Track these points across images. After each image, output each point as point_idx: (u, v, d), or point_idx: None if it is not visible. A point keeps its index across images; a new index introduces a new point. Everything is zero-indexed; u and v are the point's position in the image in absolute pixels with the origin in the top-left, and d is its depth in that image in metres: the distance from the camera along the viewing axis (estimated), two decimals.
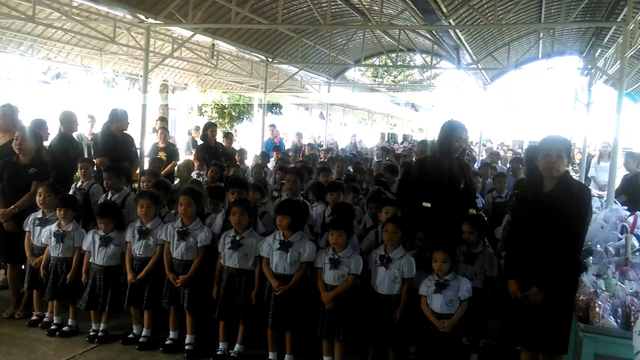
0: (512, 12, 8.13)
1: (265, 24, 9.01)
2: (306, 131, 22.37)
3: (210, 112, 21.50)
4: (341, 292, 4.34)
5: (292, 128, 22.68)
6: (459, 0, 6.88)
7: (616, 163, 6.32)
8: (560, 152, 3.64)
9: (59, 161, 7.09)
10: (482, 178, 8.46)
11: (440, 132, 4.92)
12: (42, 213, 5.30)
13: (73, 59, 12.04)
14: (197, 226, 4.90)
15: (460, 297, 4.16)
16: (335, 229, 4.42)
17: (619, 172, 7.88)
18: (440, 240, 4.41)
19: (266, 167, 8.98)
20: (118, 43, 9.52)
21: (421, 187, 4.89)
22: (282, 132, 18.53)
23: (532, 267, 3.67)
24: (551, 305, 3.57)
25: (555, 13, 9.24)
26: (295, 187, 5.95)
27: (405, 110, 25.71)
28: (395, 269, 4.36)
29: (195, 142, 13.34)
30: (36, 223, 5.26)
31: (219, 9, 8.45)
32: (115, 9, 7.30)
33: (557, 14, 9.08)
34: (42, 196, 5.24)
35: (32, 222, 5.28)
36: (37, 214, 5.32)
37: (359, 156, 12.05)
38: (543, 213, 3.65)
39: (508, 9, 8.14)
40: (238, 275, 4.64)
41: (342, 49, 12.77)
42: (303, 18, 10.28)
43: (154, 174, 6.75)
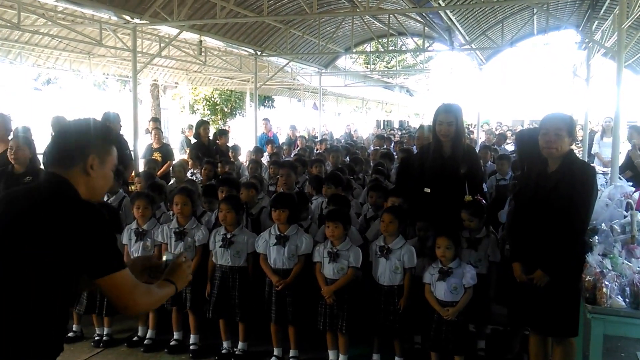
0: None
1: (251, 16, 8.89)
2: (300, 123, 22.26)
3: (202, 109, 21.37)
4: (341, 286, 4.28)
5: (286, 121, 22.59)
6: None
7: (619, 139, 6.21)
8: (558, 131, 3.50)
9: None
10: (482, 161, 8.39)
11: None
12: None
13: (62, 63, 11.93)
14: (194, 225, 4.88)
15: (464, 284, 4.09)
16: (331, 221, 4.35)
17: (623, 148, 7.77)
18: (442, 226, 4.33)
19: (261, 162, 8.89)
20: (105, 46, 9.41)
21: (421, 172, 4.85)
22: (276, 125, 18.42)
23: (536, 249, 3.59)
24: (557, 287, 3.49)
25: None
26: (290, 180, 5.90)
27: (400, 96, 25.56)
28: (395, 259, 4.29)
29: (189, 141, 13.27)
30: None
31: (204, 4, 8.33)
32: (100, 12, 7.20)
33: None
34: None
35: None
36: None
37: (355, 146, 11.97)
38: (547, 194, 3.55)
39: None
40: (231, 272, 4.60)
41: (332, 38, 12.64)
42: (289, 8, 10.15)
43: (149, 176, 6.69)
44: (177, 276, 2.29)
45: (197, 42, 10.54)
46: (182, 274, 2.32)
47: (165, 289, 2.22)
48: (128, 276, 2.03)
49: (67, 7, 7.65)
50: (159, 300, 2.23)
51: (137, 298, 2.05)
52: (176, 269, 2.32)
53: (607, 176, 7.74)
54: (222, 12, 7.74)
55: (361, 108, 31.17)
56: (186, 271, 2.34)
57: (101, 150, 2.15)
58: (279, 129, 18.76)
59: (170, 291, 2.24)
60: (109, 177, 2.21)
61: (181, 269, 2.32)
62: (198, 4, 8.08)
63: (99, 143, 2.16)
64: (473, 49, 11.14)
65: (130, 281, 2.03)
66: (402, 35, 13.82)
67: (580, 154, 11.49)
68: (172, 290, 2.25)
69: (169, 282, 2.25)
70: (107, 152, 2.18)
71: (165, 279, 2.27)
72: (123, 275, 2.01)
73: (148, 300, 2.13)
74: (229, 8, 7.99)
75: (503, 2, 8.22)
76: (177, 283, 2.28)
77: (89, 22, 8.62)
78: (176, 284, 2.27)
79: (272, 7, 9.38)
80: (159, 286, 2.22)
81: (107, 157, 2.18)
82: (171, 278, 2.27)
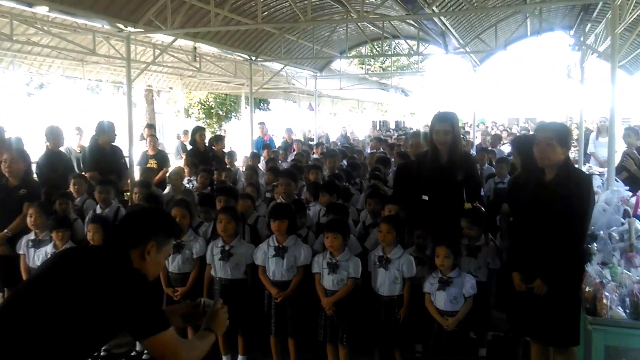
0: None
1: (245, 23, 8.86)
2: (296, 124, 22.23)
3: (197, 113, 21.30)
4: (342, 297, 4.26)
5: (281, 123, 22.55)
6: None
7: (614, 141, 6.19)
8: (549, 140, 3.51)
9: (48, 178, 7.02)
10: (479, 164, 8.37)
11: None
12: (34, 234, 5.20)
13: (55, 70, 11.87)
14: (191, 237, 4.86)
15: (464, 294, 4.08)
16: (331, 232, 4.33)
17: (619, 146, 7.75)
18: (441, 235, 4.33)
19: (257, 168, 8.87)
20: (99, 54, 9.36)
21: (418, 180, 4.85)
22: (272, 128, 18.39)
23: (535, 258, 3.59)
24: (557, 297, 3.50)
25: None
26: (289, 189, 5.86)
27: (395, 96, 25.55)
28: (394, 269, 4.28)
29: (185, 146, 13.23)
30: (30, 245, 5.17)
31: (198, 11, 8.29)
32: (93, 21, 7.16)
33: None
34: (33, 217, 5.15)
35: (26, 244, 5.18)
36: (29, 235, 5.22)
37: (351, 149, 11.93)
38: (544, 203, 3.56)
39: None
40: (231, 285, 4.57)
41: (326, 42, 12.63)
42: (284, 14, 10.13)
43: (146, 185, 6.65)
44: (216, 324, 2.43)
45: (192, 48, 10.52)
46: (221, 321, 2.45)
47: (206, 339, 2.36)
48: (172, 335, 2.18)
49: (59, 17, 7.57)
50: (202, 353, 2.34)
51: (183, 354, 2.20)
52: (214, 316, 2.44)
53: (604, 177, 7.76)
54: (216, 18, 7.70)
55: (357, 108, 31.17)
56: (223, 317, 2.47)
57: (161, 239, 2.34)
58: (275, 132, 18.75)
59: (211, 339, 2.39)
60: (161, 265, 2.41)
61: (219, 316, 2.45)
62: (192, 11, 8.04)
63: (161, 233, 2.36)
64: (467, 52, 11.14)
65: (174, 339, 2.18)
66: (396, 38, 13.80)
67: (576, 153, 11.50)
68: (213, 338, 2.40)
69: (208, 330, 2.39)
70: (166, 242, 2.39)
71: (205, 327, 2.40)
72: (167, 334, 2.15)
73: (193, 354, 2.27)
74: (223, 14, 7.96)
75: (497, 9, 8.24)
76: (217, 330, 2.42)
77: (82, 31, 8.55)
78: (216, 331, 2.41)
79: (266, 13, 9.34)
80: (200, 337, 2.36)
81: (164, 247, 2.38)
82: (210, 326, 2.40)
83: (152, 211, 2.53)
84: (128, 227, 2.39)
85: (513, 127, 22.30)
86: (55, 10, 6.40)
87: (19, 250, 5.22)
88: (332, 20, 11.16)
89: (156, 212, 2.53)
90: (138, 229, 2.34)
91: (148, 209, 2.61)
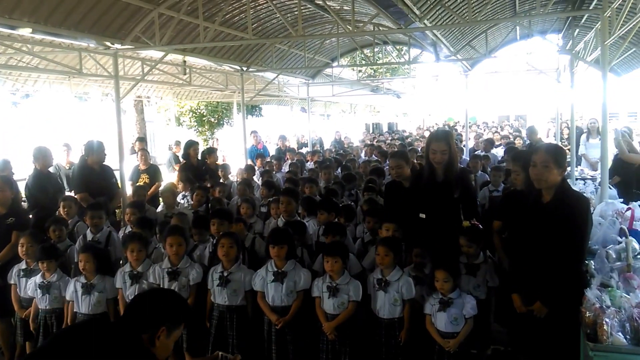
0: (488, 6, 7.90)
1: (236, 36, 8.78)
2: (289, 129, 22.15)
3: (188, 121, 21.16)
4: (343, 321, 4.22)
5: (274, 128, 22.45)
6: (431, 1, 6.71)
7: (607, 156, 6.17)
8: (546, 162, 3.52)
9: (37, 199, 6.93)
10: (473, 170, 8.33)
11: None
12: (25, 263, 5.14)
13: (41, 85, 11.72)
14: (187, 264, 4.79)
15: (465, 314, 4.06)
16: (330, 256, 4.30)
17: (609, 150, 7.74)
18: (439, 256, 4.30)
19: (252, 181, 8.79)
20: (85, 74, 9.23)
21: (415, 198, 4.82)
22: (265, 134, 18.31)
23: (534, 280, 3.60)
24: (557, 319, 3.51)
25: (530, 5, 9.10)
26: (290, 208, 5.82)
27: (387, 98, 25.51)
28: (394, 292, 4.26)
29: (177, 158, 13.14)
30: (21, 275, 5.11)
31: (187, 25, 8.19)
32: (80, 40, 7.05)
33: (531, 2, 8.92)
34: (25, 247, 5.09)
35: (17, 274, 5.13)
36: (20, 265, 5.16)
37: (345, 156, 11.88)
38: (542, 225, 3.56)
39: (483, 4, 7.97)
40: (228, 312, 4.53)
41: (318, 50, 12.58)
42: (275, 25, 10.04)
43: (140, 206, 6.55)
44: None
45: (181, 62, 10.42)
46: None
47: None
48: None
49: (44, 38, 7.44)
50: None
51: None
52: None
53: (596, 182, 7.75)
54: (206, 32, 7.61)
55: (349, 111, 31.17)
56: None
57: (172, 325, 2.37)
58: (268, 138, 18.66)
59: None
60: (169, 348, 2.42)
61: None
62: (181, 26, 7.94)
63: (173, 319, 2.39)
64: (459, 59, 11.14)
65: None
66: (387, 45, 13.76)
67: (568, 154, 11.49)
68: None
69: None
70: (176, 328, 2.42)
71: None
72: None
73: None
74: (213, 28, 7.88)
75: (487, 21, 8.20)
76: None
77: (68, 50, 8.41)
78: None
79: (255, 24, 9.25)
80: None
81: (174, 332, 2.40)
82: None
83: (164, 296, 2.54)
84: (139, 313, 2.40)
85: (505, 127, 22.31)
86: (39, 32, 6.27)
87: (9, 280, 5.15)
88: (323, 35, 11.13)
89: (168, 297, 2.53)
90: (149, 315, 2.36)
91: (160, 293, 2.67)
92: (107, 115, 18.22)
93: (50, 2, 6.11)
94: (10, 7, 5.77)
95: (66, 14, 6.38)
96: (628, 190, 7.29)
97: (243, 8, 8.44)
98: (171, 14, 7.49)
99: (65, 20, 6.48)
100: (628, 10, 5.51)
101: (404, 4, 5.86)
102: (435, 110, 38.58)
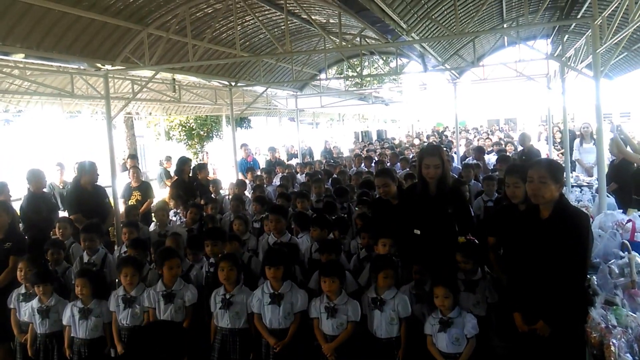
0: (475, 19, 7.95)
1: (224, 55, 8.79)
2: (278, 139, 22.15)
3: (178, 135, 21.13)
4: (342, 342, 4.20)
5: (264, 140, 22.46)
6: (418, 14, 6.79)
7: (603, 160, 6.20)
8: (542, 178, 3.46)
9: (32, 221, 6.97)
10: (466, 179, 8.29)
11: None
12: (24, 288, 5.13)
13: (33, 106, 11.71)
14: (181, 286, 4.76)
15: (466, 334, 4.02)
16: (327, 276, 4.27)
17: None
18: (438, 273, 4.28)
19: (244, 196, 8.79)
20: (76, 96, 9.23)
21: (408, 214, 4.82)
22: (254, 146, 18.32)
23: (535, 298, 3.54)
24: (561, 338, 3.45)
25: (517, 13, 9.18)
26: (280, 226, 5.79)
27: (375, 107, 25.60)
28: (390, 310, 4.24)
29: (168, 173, 13.14)
30: (20, 299, 5.11)
31: (175, 44, 8.21)
32: (71, 63, 7.06)
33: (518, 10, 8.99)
34: (23, 271, 5.10)
35: (17, 299, 5.13)
36: (20, 289, 5.16)
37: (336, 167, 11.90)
38: (541, 242, 3.50)
39: (470, 16, 8.04)
40: (231, 335, 4.49)
41: (305, 63, 12.63)
42: (262, 40, 10.08)
43: (134, 226, 6.54)
44: None
45: (171, 79, 10.44)
46: None
47: None
48: None
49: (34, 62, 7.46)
50: None
51: None
52: None
53: (593, 189, 7.75)
54: (195, 50, 7.63)
55: (338, 119, 31.24)
56: None
57: None
58: (258, 149, 18.67)
59: None
60: None
61: None
62: (169, 45, 7.95)
63: (175, 353, 2.39)
64: (447, 69, 11.20)
65: None
66: (373, 55, 13.85)
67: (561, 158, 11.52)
68: None
69: None
70: None
71: None
72: None
73: None
74: (202, 46, 7.90)
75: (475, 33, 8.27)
76: None
77: (60, 73, 8.42)
78: None
79: (243, 39, 9.28)
80: None
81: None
82: None
83: (165, 330, 2.54)
84: (141, 350, 2.41)
85: (495, 132, 22.40)
86: (31, 57, 6.29)
87: (9, 305, 5.15)
88: (311, 51, 11.17)
89: (169, 331, 2.54)
90: (151, 352, 2.36)
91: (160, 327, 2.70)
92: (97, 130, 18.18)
93: (42, 28, 6.14)
94: (3, 34, 5.81)
95: (57, 38, 6.41)
96: (626, 197, 7.21)
97: (230, 25, 8.46)
98: (160, 33, 7.51)
99: (57, 44, 6.51)
100: (620, 18, 5.46)
101: (391, 19, 5.91)
102: (424, 116, 38.75)
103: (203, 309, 4.81)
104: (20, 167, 8.19)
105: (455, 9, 6.54)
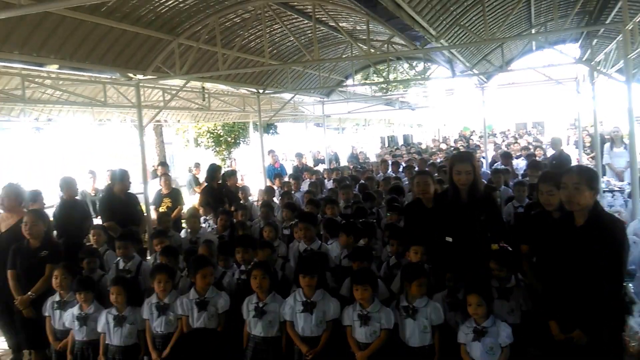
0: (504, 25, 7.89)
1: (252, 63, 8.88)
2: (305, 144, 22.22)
3: (206, 142, 21.40)
4: (375, 350, 4.19)
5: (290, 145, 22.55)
6: (447, 21, 6.76)
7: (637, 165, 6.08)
8: (578, 185, 3.42)
9: (64, 228, 7.10)
10: (496, 185, 8.19)
11: None
12: (59, 295, 5.20)
13: (65, 115, 11.99)
14: (214, 293, 4.79)
15: (500, 343, 3.97)
16: (360, 284, 4.27)
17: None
18: (471, 281, 4.24)
19: (272, 202, 8.85)
20: (110, 105, 9.43)
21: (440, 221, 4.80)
22: (281, 152, 18.42)
23: (571, 306, 3.49)
24: (598, 347, 3.38)
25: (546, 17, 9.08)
26: (309, 233, 5.82)
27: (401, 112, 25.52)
28: (423, 318, 4.20)
29: (197, 179, 13.31)
30: (55, 307, 5.18)
31: (205, 53, 8.34)
32: (103, 73, 7.23)
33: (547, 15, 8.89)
34: (59, 279, 5.16)
35: (51, 306, 5.19)
36: (54, 297, 5.23)
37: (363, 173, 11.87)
38: (576, 250, 3.47)
39: (499, 21, 7.98)
40: (264, 343, 4.50)
41: (332, 69, 12.68)
42: (289, 47, 10.16)
43: (163, 234, 6.62)
44: None
45: (200, 87, 10.59)
46: None
47: None
48: None
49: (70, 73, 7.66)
50: None
51: None
52: None
53: (625, 193, 7.60)
54: (224, 58, 7.74)
55: (363, 124, 31.22)
56: None
57: None
58: (285, 155, 18.77)
59: None
60: None
61: None
62: (199, 54, 8.08)
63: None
64: (474, 74, 11.11)
65: None
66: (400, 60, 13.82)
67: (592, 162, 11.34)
68: None
69: None
70: None
71: None
72: None
73: None
74: (232, 55, 8.00)
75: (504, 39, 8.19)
76: None
77: (92, 82, 8.62)
78: None
79: (271, 47, 9.36)
80: None
81: None
82: None
83: None
84: None
85: (524, 136, 22.08)
86: (65, 67, 6.46)
87: (44, 313, 5.22)
88: (338, 59, 11.21)
89: None
90: None
91: None
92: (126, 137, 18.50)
93: (75, 39, 6.30)
94: (37, 45, 5.97)
95: (90, 49, 6.57)
96: None
97: (259, 34, 8.56)
98: (190, 43, 7.65)
99: (90, 55, 6.68)
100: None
101: (420, 26, 5.90)
102: (450, 120, 38.38)
103: (235, 315, 4.84)
104: (51, 174, 8.39)
105: (484, 15, 6.52)
